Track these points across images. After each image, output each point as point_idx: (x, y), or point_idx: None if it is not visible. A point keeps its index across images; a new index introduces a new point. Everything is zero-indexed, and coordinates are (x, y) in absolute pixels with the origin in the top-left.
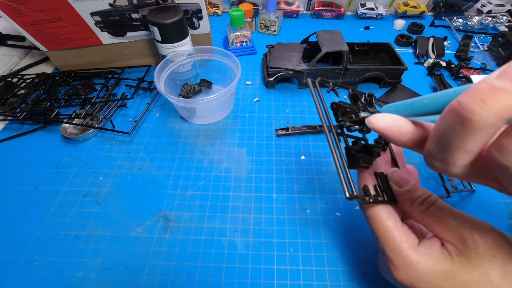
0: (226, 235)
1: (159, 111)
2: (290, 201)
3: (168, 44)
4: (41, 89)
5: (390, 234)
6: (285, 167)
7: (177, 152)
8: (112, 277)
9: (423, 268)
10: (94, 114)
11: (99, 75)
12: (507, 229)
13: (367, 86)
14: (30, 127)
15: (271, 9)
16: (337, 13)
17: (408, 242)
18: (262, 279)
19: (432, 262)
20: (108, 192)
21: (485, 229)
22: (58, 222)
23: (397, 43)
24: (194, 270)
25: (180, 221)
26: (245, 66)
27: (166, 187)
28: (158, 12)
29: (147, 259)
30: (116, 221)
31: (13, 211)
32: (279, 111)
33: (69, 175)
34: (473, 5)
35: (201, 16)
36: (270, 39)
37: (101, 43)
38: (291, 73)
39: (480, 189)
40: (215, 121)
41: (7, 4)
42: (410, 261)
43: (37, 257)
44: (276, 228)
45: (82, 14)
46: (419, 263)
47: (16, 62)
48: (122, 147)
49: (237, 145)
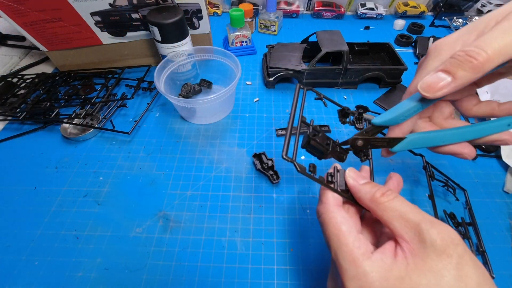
0: (226, 235)
1: (159, 111)
2: (290, 201)
3: (168, 44)
4: (41, 89)
5: (343, 239)
6: (285, 167)
7: (177, 152)
8: (112, 277)
9: (376, 277)
10: (94, 114)
11: (99, 75)
12: (507, 229)
13: (367, 86)
14: (30, 127)
15: (271, 9)
16: (337, 13)
17: (361, 248)
18: (262, 279)
19: (385, 269)
20: (108, 192)
21: (443, 228)
22: (58, 222)
23: (397, 43)
24: (194, 270)
25: (180, 221)
26: (245, 66)
27: (166, 187)
28: (158, 12)
29: (147, 259)
30: (116, 221)
31: (13, 211)
32: (279, 111)
33: (69, 175)
34: (473, 5)
35: (201, 16)
36: (270, 39)
37: (101, 43)
38: (291, 73)
39: (481, 189)
40: (215, 121)
41: (7, 4)
42: (363, 270)
43: (37, 257)
44: (276, 228)
45: (82, 14)
46: (372, 272)
47: (16, 62)
48: (122, 147)
49: (237, 145)
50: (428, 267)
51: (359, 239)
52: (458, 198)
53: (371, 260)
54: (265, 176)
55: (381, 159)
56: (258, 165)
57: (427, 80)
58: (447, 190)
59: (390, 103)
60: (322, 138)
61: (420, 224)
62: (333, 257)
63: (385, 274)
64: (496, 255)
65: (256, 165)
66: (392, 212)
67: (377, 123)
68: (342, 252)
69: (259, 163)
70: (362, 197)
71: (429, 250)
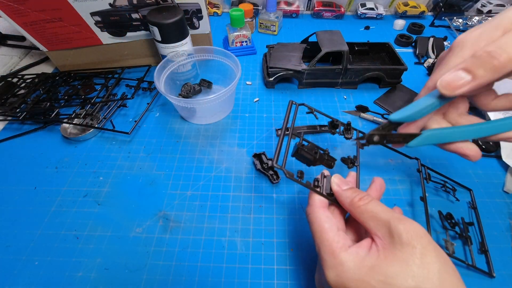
0: (226, 235)
1: (159, 111)
2: (290, 201)
3: (168, 44)
4: (41, 89)
5: (325, 234)
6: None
7: (177, 152)
8: (112, 277)
9: (351, 266)
10: (94, 114)
11: (99, 75)
12: (507, 229)
13: (367, 86)
14: (30, 127)
15: (271, 9)
16: (337, 13)
17: (339, 243)
18: (262, 279)
19: (359, 260)
20: (108, 192)
21: (409, 223)
22: (58, 222)
23: (397, 43)
24: (194, 270)
25: (180, 221)
26: (245, 66)
27: (166, 187)
28: (158, 12)
29: (147, 259)
30: (116, 221)
31: (13, 211)
32: (279, 111)
33: (69, 175)
34: (473, 5)
35: (201, 16)
36: (270, 39)
37: (101, 43)
38: (291, 73)
39: (481, 189)
40: (215, 121)
41: (7, 4)
42: (340, 260)
43: (37, 257)
44: (276, 228)
45: (82, 14)
46: (347, 261)
47: (16, 62)
48: (122, 147)
49: (237, 145)
50: (396, 257)
51: (338, 235)
52: (458, 199)
53: (347, 252)
54: (265, 176)
55: (381, 159)
56: (258, 165)
57: (446, 77)
58: (445, 191)
59: (390, 103)
60: (310, 148)
61: (390, 222)
62: (317, 250)
63: (359, 264)
64: (497, 255)
65: (256, 165)
66: (367, 213)
67: (394, 120)
68: (324, 246)
69: (259, 163)
70: (343, 201)
71: (397, 243)
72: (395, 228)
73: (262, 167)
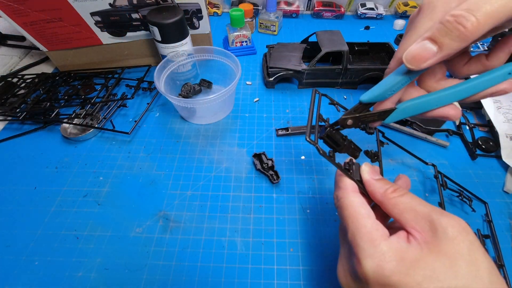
0: (226, 235)
1: (159, 111)
2: (290, 201)
3: (168, 44)
4: (41, 89)
5: (362, 220)
6: (285, 167)
7: (177, 152)
8: (112, 277)
9: (393, 257)
10: (94, 114)
11: (99, 75)
12: (507, 229)
13: (367, 86)
14: (30, 127)
15: (271, 9)
16: (337, 13)
17: (379, 230)
18: (262, 279)
19: (402, 251)
20: (108, 192)
21: (452, 218)
22: (58, 222)
23: (397, 43)
24: (194, 270)
25: (180, 221)
26: (245, 66)
27: (166, 187)
28: (158, 12)
29: (147, 259)
30: (116, 221)
31: (13, 211)
32: (279, 111)
33: (69, 175)
34: None
35: (201, 16)
36: (270, 39)
37: (101, 43)
38: (291, 73)
39: (481, 189)
40: (215, 121)
41: (7, 4)
42: (381, 249)
43: (37, 257)
44: (276, 228)
45: (82, 14)
46: (389, 251)
47: (16, 62)
48: (122, 147)
49: (237, 145)
50: (442, 252)
51: (377, 223)
52: (474, 210)
53: (389, 241)
54: (265, 176)
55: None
56: (258, 165)
57: (412, 50)
58: (462, 200)
59: None
60: (338, 133)
61: (431, 214)
62: (349, 238)
63: (402, 255)
64: None
65: (256, 165)
66: (402, 205)
67: (364, 100)
68: (360, 232)
69: (259, 163)
70: (375, 191)
71: (441, 237)
72: (438, 221)
73: (262, 167)
